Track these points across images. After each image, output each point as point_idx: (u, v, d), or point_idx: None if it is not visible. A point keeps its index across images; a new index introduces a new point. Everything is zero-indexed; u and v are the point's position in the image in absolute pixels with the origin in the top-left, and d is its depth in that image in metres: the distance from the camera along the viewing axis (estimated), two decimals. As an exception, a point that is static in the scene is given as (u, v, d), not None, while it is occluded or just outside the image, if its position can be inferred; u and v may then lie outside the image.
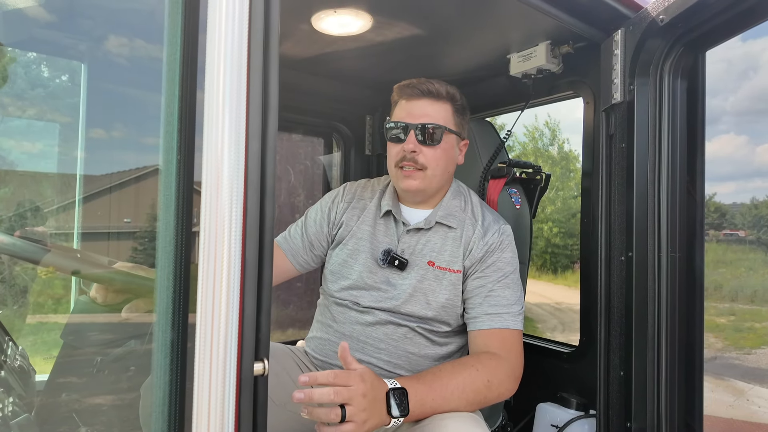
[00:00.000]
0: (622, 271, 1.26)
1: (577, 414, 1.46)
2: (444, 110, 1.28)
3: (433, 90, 1.26)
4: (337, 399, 0.91)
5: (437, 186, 1.31)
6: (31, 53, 1.58)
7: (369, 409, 0.93)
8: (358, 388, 0.93)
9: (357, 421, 0.91)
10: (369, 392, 0.94)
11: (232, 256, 0.59)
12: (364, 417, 0.92)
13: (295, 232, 1.43)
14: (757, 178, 42.03)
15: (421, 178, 1.26)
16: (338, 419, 0.90)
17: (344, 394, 0.91)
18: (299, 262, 1.41)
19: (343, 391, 0.92)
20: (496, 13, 1.35)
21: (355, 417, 0.91)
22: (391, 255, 1.28)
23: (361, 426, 0.92)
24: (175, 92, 0.67)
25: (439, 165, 1.27)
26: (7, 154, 1.67)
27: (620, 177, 1.28)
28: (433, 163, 1.26)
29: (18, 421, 0.86)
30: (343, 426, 0.91)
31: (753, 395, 7.36)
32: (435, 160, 1.26)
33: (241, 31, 0.61)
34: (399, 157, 1.26)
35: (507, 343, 1.19)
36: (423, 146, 1.25)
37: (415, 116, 1.25)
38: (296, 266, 1.41)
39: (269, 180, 0.65)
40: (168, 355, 0.64)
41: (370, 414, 0.93)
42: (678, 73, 1.19)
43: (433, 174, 1.27)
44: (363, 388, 0.93)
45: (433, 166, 1.26)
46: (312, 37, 1.56)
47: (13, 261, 1.36)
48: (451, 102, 1.29)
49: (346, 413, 0.90)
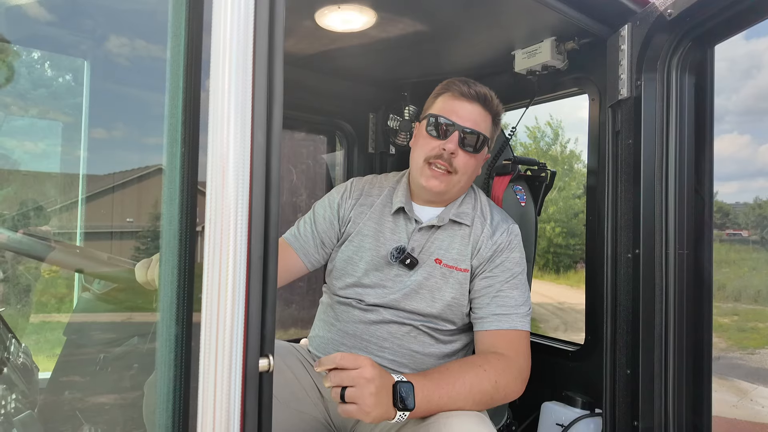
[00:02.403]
0: (629, 269, 1.25)
1: (582, 413, 1.45)
2: (487, 121, 1.27)
3: (488, 97, 1.25)
4: (343, 376, 0.92)
5: (457, 192, 1.30)
6: (34, 50, 1.58)
7: (376, 396, 0.92)
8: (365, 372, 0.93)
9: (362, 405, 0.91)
10: (377, 379, 0.93)
11: (237, 251, 0.58)
12: (370, 402, 0.91)
13: (305, 230, 1.40)
14: (761, 178, 41.91)
15: (447, 182, 1.24)
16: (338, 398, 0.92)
17: (351, 375, 0.92)
18: (310, 260, 1.39)
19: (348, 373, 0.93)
20: (500, 9, 1.34)
21: (362, 401, 0.91)
22: (405, 253, 1.26)
23: (367, 411, 0.91)
24: (179, 89, 0.66)
25: (468, 173, 1.26)
26: (10, 153, 1.67)
27: (627, 174, 1.27)
28: (464, 170, 1.24)
29: (21, 418, 0.86)
30: (347, 406, 0.91)
31: (757, 395, 7.33)
32: (466, 167, 1.24)
33: (246, 26, 0.60)
34: (434, 153, 1.23)
35: (515, 344, 1.18)
36: (461, 150, 1.22)
37: (463, 118, 1.23)
38: (307, 265, 1.39)
39: (274, 175, 0.64)
40: (172, 351, 0.64)
41: (377, 401, 0.92)
42: (686, 68, 1.18)
43: (459, 180, 1.25)
44: (371, 372, 0.93)
45: (462, 173, 1.24)
46: (315, 34, 1.55)
47: (16, 259, 1.36)
48: (493, 115, 1.28)
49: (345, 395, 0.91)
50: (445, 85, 1.29)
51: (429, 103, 1.32)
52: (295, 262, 1.38)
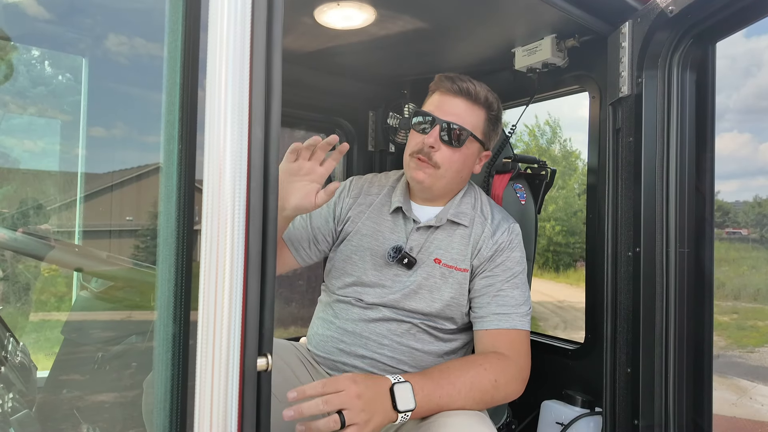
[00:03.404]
0: (629, 267, 1.25)
1: (582, 411, 1.45)
2: (476, 116, 1.24)
3: (472, 91, 1.22)
4: (327, 408, 0.89)
5: (444, 187, 1.28)
6: (31, 47, 1.57)
7: (368, 409, 0.92)
8: (350, 391, 0.91)
9: (359, 423, 0.90)
10: (364, 392, 0.92)
11: (235, 248, 0.58)
12: (365, 417, 0.91)
13: (300, 224, 1.38)
14: (760, 176, 41.92)
15: (430, 174, 1.23)
16: (338, 426, 0.89)
17: (334, 401, 0.90)
18: (301, 255, 1.37)
19: (334, 398, 0.90)
20: (501, 6, 1.34)
21: (356, 419, 0.90)
22: (403, 253, 1.25)
23: (364, 427, 0.90)
24: (176, 86, 0.65)
25: (453, 167, 1.24)
26: (9, 151, 1.66)
27: (627, 171, 1.26)
28: (447, 164, 1.23)
29: (18, 417, 0.85)
30: (346, 430, 0.89)
31: (756, 393, 7.35)
32: (450, 162, 1.23)
33: (244, 23, 0.59)
34: (417, 148, 1.23)
35: (515, 343, 1.17)
36: (443, 144, 1.21)
37: (444, 112, 1.22)
38: (298, 259, 1.37)
39: (272, 172, 0.63)
40: (170, 350, 0.63)
41: (371, 413, 0.92)
42: (687, 66, 1.17)
43: (443, 175, 1.24)
44: (356, 389, 0.92)
45: (446, 167, 1.23)
46: (314, 31, 1.54)
47: (16, 259, 1.35)
48: (487, 109, 1.25)
49: (344, 418, 0.89)
50: (434, 83, 1.29)
51: (424, 101, 1.33)
52: (283, 253, 1.36)
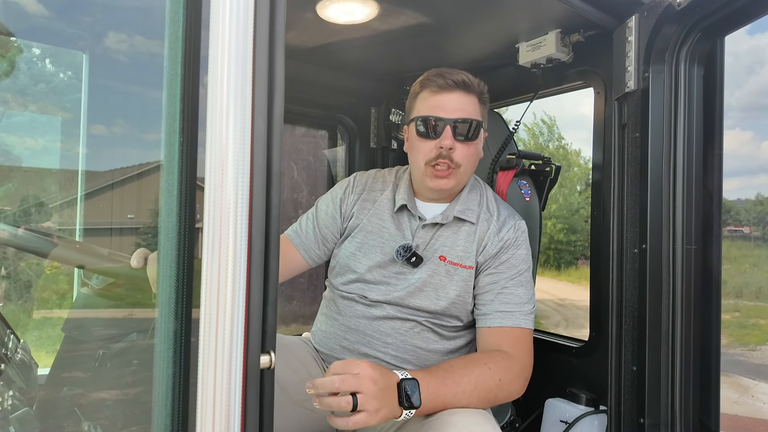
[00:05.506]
0: (635, 264, 1.23)
1: (587, 410, 1.44)
2: (475, 104, 1.22)
3: (467, 81, 1.19)
4: (342, 386, 0.88)
5: (464, 183, 1.27)
6: (32, 43, 1.56)
7: (380, 398, 0.90)
8: (366, 374, 0.90)
9: (369, 410, 0.88)
10: (379, 380, 0.91)
11: (238, 245, 0.57)
12: (376, 405, 0.89)
13: (307, 225, 1.38)
14: (762, 174, 41.82)
15: (454, 178, 1.21)
16: (350, 407, 0.87)
17: (351, 382, 0.88)
18: (311, 256, 1.37)
19: (350, 378, 0.89)
20: (504, 1, 1.32)
21: (367, 405, 0.88)
22: (411, 252, 1.23)
23: (373, 415, 0.88)
24: (177, 82, 0.64)
25: (471, 162, 1.23)
26: (10, 149, 1.66)
27: (633, 167, 1.25)
28: (467, 161, 1.21)
29: (18, 414, 0.84)
30: (355, 416, 0.88)
31: (758, 392, 7.34)
32: (468, 158, 1.21)
33: (246, 18, 0.58)
34: (433, 155, 1.19)
35: (519, 342, 1.16)
36: (459, 143, 1.19)
37: (449, 110, 1.19)
38: (308, 261, 1.37)
39: (275, 167, 0.62)
40: (171, 347, 0.62)
41: (382, 403, 0.90)
42: (695, 60, 1.15)
43: (464, 171, 1.22)
44: (372, 374, 0.90)
45: (466, 164, 1.21)
46: (316, 26, 1.53)
47: (18, 256, 1.35)
48: (479, 95, 1.24)
49: (357, 402, 0.87)
50: (420, 82, 1.25)
51: (410, 104, 1.28)
52: (295, 257, 1.36)
